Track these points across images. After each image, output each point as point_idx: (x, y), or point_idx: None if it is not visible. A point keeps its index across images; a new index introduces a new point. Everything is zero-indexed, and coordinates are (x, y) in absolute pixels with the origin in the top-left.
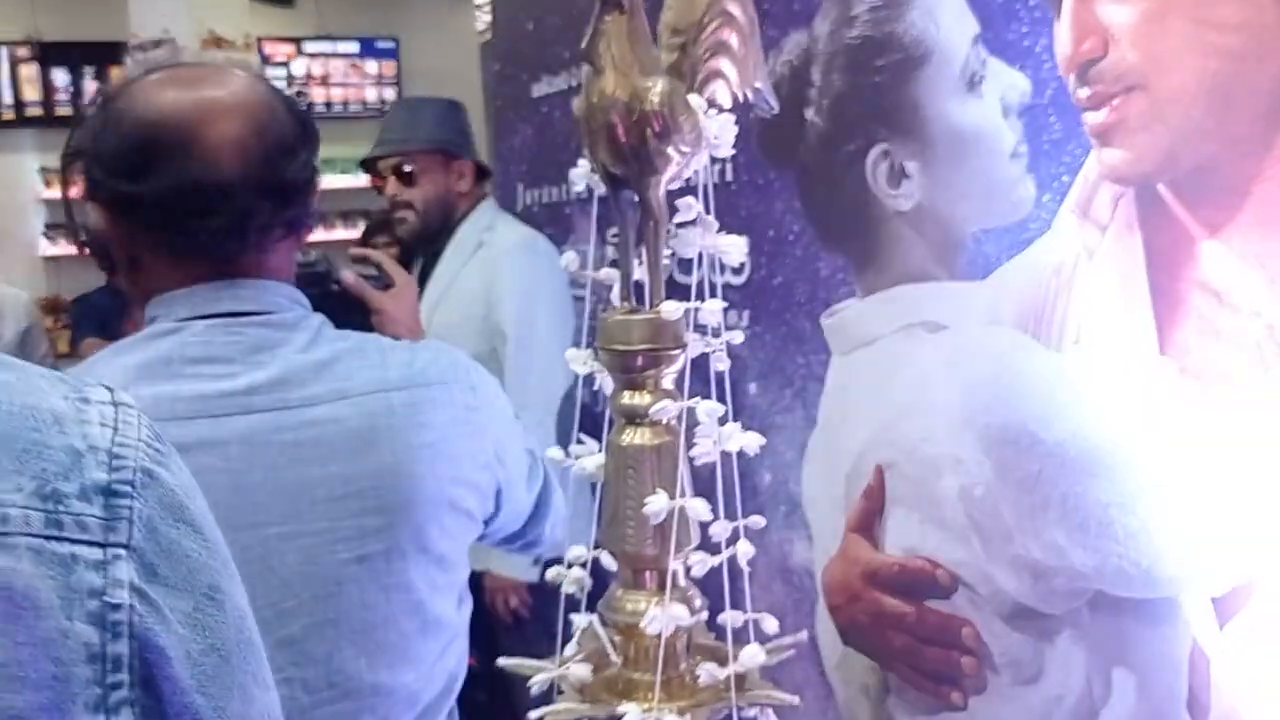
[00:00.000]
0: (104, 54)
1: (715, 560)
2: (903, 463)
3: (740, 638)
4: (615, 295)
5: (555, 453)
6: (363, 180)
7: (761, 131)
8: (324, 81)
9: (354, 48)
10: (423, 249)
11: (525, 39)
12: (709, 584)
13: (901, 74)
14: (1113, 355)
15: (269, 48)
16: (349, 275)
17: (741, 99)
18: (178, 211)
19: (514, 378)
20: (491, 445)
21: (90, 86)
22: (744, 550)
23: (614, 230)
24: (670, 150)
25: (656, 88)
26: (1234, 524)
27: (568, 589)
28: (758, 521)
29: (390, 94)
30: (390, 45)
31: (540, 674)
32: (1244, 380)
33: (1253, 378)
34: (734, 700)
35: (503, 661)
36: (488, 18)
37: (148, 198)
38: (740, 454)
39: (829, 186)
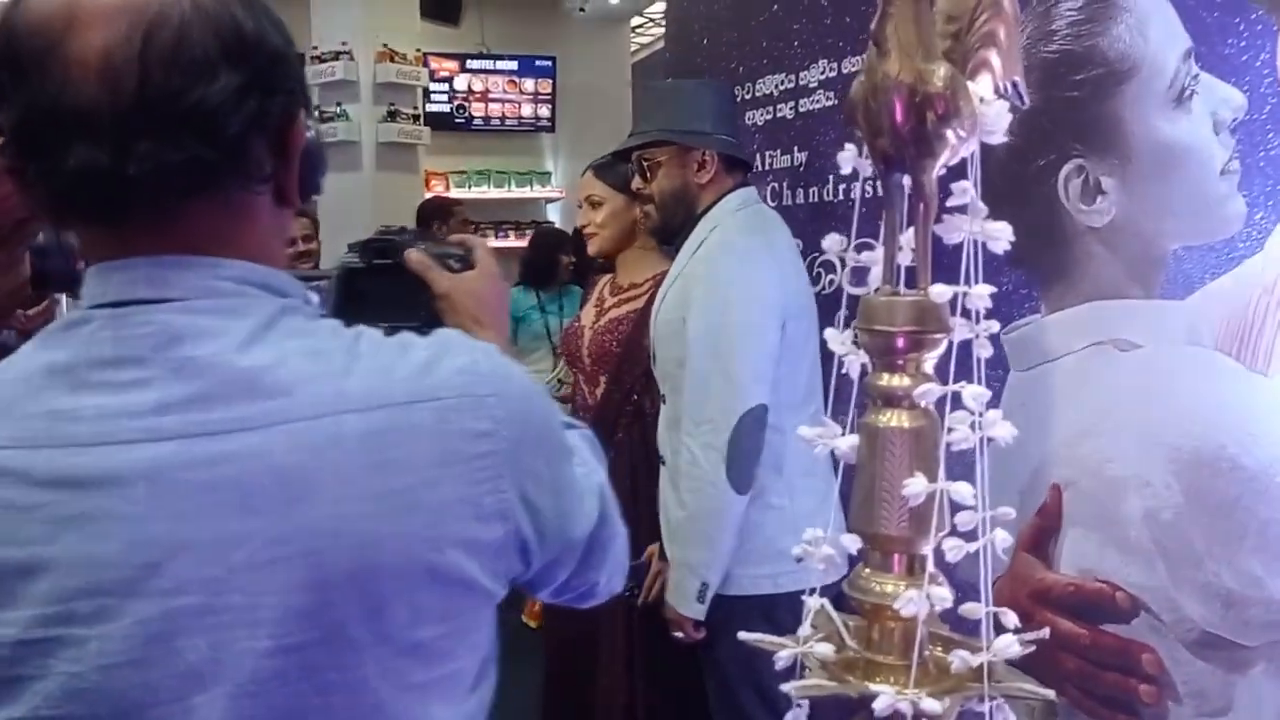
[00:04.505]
0: None
1: (971, 547)
2: (1083, 482)
3: (974, 630)
4: (876, 276)
5: (807, 431)
6: (516, 192)
7: None
8: (484, 97)
9: (513, 65)
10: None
11: (698, 52)
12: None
13: (1103, 88)
14: None
15: (435, 63)
16: (414, 251)
17: (1001, 91)
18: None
19: (691, 393)
20: (513, 488)
21: None
22: (1001, 539)
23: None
24: (948, 134)
25: (940, 72)
26: None
27: (816, 566)
28: (1008, 513)
29: (545, 111)
30: (548, 64)
31: (784, 649)
32: None
33: None
34: (986, 689)
35: (744, 635)
36: (642, 39)
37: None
38: None
39: (1016, 200)
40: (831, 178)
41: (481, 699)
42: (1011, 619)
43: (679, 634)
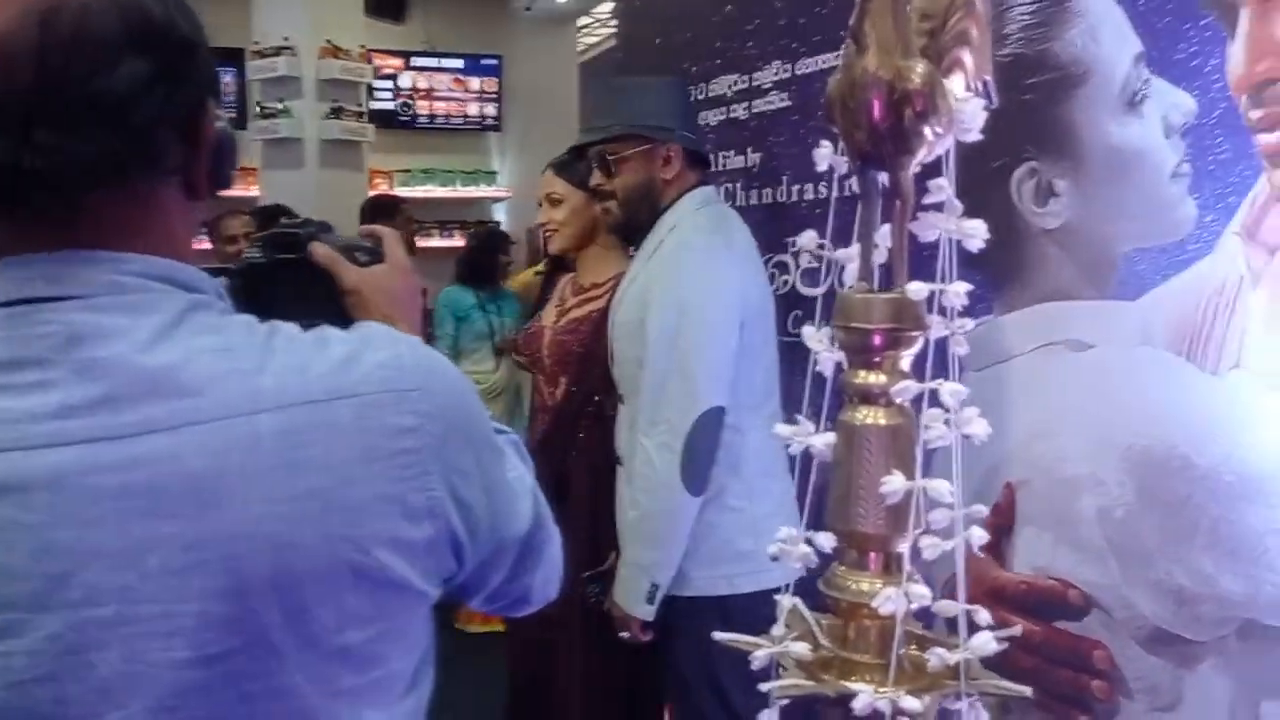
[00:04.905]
0: (223, 60)
1: (948, 545)
2: (1037, 481)
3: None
4: (851, 274)
5: (784, 429)
6: (462, 191)
7: None
8: (429, 95)
9: (459, 64)
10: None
11: (651, 52)
12: None
13: (1055, 92)
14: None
15: (379, 60)
16: (320, 246)
17: (973, 89)
18: None
19: (648, 393)
20: (442, 484)
21: None
22: (977, 536)
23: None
24: (926, 131)
25: (918, 69)
26: None
27: (794, 565)
28: (981, 510)
29: (491, 110)
30: (493, 62)
31: (760, 650)
32: None
33: None
34: (963, 687)
35: (719, 635)
36: (589, 39)
37: None
38: None
39: (969, 202)
40: (785, 179)
41: (419, 699)
42: (985, 616)
43: (625, 634)
